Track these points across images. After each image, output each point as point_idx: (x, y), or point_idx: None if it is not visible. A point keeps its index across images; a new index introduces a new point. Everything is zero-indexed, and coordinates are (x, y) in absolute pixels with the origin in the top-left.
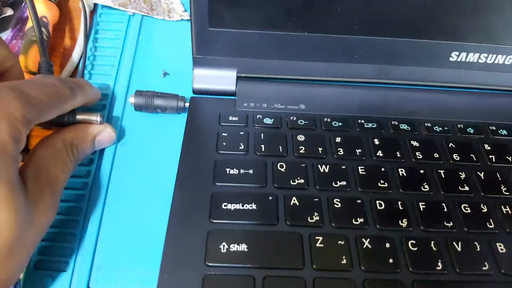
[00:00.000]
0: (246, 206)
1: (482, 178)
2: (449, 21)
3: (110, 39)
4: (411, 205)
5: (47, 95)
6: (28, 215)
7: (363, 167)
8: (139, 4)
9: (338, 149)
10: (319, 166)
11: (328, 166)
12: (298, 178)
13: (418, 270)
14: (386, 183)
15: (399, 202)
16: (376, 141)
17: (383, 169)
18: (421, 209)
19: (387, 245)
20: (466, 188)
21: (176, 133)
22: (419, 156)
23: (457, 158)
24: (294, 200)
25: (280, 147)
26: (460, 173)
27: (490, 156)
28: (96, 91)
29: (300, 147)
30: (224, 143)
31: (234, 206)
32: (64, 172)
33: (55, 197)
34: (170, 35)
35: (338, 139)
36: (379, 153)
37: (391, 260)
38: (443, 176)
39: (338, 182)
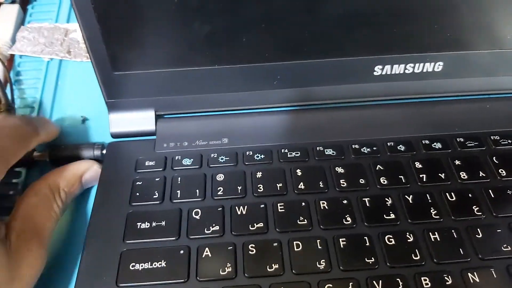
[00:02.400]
0: (155, 265)
1: (410, 202)
2: (365, 36)
3: (28, 88)
4: (332, 243)
5: (13, 140)
6: (10, 272)
7: (282, 204)
8: (55, 48)
9: (259, 185)
10: (236, 208)
11: (246, 207)
12: (214, 224)
13: None
14: (306, 220)
15: (318, 241)
16: (299, 172)
17: (303, 204)
18: (341, 246)
19: None
20: (392, 216)
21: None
22: (343, 184)
23: (384, 182)
24: (206, 252)
25: (197, 190)
26: (386, 199)
27: (421, 176)
28: (56, 127)
29: (218, 188)
30: (137, 194)
31: (142, 266)
32: (52, 219)
33: (43, 246)
34: (89, 77)
35: (259, 174)
36: (301, 186)
37: None
38: (367, 205)
39: (255, 224)
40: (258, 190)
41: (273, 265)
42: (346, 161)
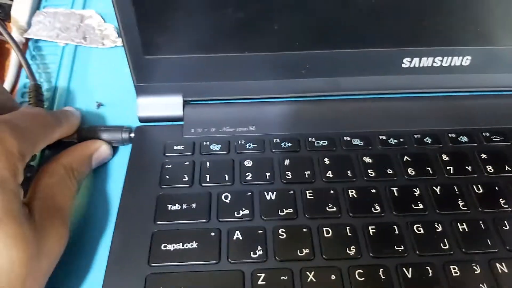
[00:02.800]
0: (186, 245)
1: (438, 193)
2: (395, 27)
3: (43, 73)
4: (361, 230)
5: (38, 127)
6: (38, 247)
7: (311, 191)
8: (70, 34)
9: (287, 172)
10: (265, 193)
11: (275, 193)
12: (243, 208)
13: None
14: (335, 207)
15: (348, 228)
16: (327, 161)
17: (332, 191)
18: (371, 234)
19: (333, 277)
20: (421, 206)
21: (123, 167)
22: (371, 173)
23: (411, 172)
24: (237, 234)
25: (226, 175)
26: (414, 189)
27: (448, 168)
28: (77, 119)
29: (247, 174)
30: (167, 176)
31: (174, 246)
32: (70, 197)
33: (65, 224)
34: (105, 63)
35: (286, 162)
36: (329, 174)
37: None
38: (396, 194)
39: (284, 210)
40: (287, 177)
41: (303, 249)
42: (373, 151)
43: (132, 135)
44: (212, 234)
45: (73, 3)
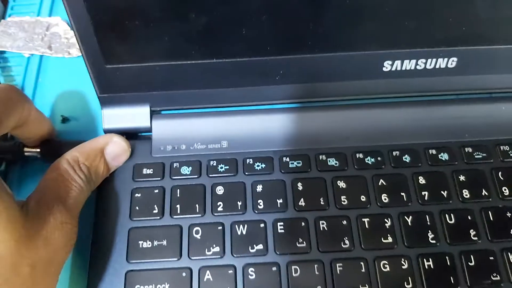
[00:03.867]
0: (158, 287)
1: (409, 224)
2: (374, 29)
3: None
4: (329, 267)
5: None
6: (32, 231)
7: (282, 223)
8: (35, 44)
9: (258, 201)
10: (236, 226)
11: (246, 225)
12: (214, 245)
13: None
14: (304, 243)
15: (315, 266)
16: (300, 186)
17: (303, 223)
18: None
19: None
20: (390, 240)
21: None
22: (344, 202)
23: (385, 200)
24: (208, 275)
25: (197, 205)
26: (386, 220)
27: (423, 193)
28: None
29: (218, 203)
30: (137, 208)
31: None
32: (75, 189)
33: (70, 212)
34: (71, 74)
35: (259, 188)
36: (301, 202)
37: None
38: (366, 226)
39: (254, 246)
40: (258, 206)
41: None
42: (348, 172)
43: None
44: (183, 274)
45: (39, 10)
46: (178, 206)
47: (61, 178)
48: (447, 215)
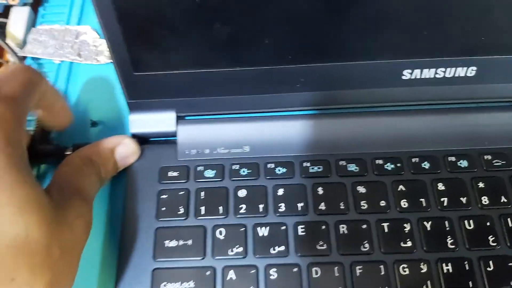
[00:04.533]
0: (184, 285)
1: (428, 229)
2: (394, 38)
3: None
4: (349, 270)
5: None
6: (56, 216)
7: (303, 226)
8: (65, 51)
9: (280, 204)
10: (258, 228)
11: (267, 227)
12: (237, 246)
13: None
14: (324, 245)
15: (335, 268)
16: (320, 191)
17: (323, 227)
18: (357, 274)
19: None
20: (409, 244)
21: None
22: (363, 206)
23: (404, 205)
24: (231, 274)
25: (220, 207)
26: (405, 225)
27: (442, 199)
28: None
29: (240, 206)
30: (163, 208)
31: (173, 285)
32: (89, 184)
33: (87, 203)
34: (99, 80)
35: (280, 192)
36: (321, 206)
37: None
38: (386, 231)
39: (276, 248)
40: (279, 209)
41: None
42: (367, 178)
43: None
44: (208, 273)
45: (69, 19)
46: (202, 207)
47: (75, 172)
48: (465, 221)
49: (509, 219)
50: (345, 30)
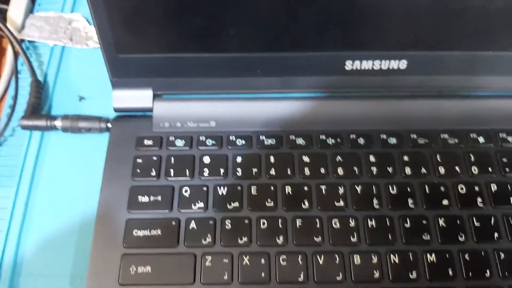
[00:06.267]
0: (152, 232)
1: (359, 192)
2: (338, 32)
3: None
4: (291, 223)
5: None
6: None
7: (255, 187)
8: (59, 35)
9: (237, 169)
10: (218, 188)
11: (226, 187)
12: (199, 201)
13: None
14: (272, 202)
15: (279, 220)
16: (272, 159)
17: (272, 188)
18: (297, 227)
19: (262, 261)
20: (342, 204)
21: (99, 151)
22: (307, 173)
23: (340, 173)
24: (192, 224)
25: (187, 170)
26: (339, 187)
27: (372, 169)
28: None
29: (204, 170)
30: (138, 170)
31: (143, 232)
32: None
33: None
34: (88, 62)
35: (238, 159)
36: (272, 172)
37: (262, 274)
38: (323, 193)
39: (231, 203)
40: (237, 173)
41: (243, 237)
42: (312, 149)
43: (109, 125)
44: (173, 223)
45: (63, 7)
46: (171, 170)
47: None
48: (390, 187)
49: (426, 186)
50: (296, 25)
